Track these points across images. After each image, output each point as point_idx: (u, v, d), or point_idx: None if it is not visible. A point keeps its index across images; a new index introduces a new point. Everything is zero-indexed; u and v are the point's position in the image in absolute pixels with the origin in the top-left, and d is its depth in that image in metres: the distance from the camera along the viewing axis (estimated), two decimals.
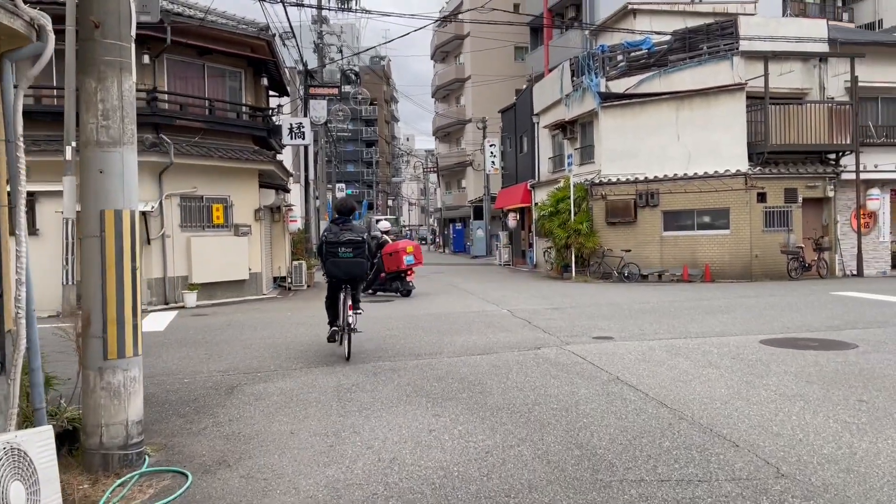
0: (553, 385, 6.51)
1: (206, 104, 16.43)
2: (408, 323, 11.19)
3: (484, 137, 38.49)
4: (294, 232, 23.34)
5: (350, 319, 8.10)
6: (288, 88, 22.09)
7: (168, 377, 7.42)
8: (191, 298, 15.17)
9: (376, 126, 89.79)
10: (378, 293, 16.31)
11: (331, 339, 8.40)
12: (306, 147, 23.90)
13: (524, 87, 33.53)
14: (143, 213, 14.68)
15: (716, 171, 18.55)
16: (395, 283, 16.20)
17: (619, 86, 20.19)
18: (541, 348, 8.51)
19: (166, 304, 15.32)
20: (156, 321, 12.41)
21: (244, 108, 17.66)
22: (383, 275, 16.18)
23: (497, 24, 29.60)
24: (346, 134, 77.94)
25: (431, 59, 60.06)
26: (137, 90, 15.32)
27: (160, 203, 15.20)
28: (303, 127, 19.76)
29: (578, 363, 7.52)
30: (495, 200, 35.94)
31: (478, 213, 41.72)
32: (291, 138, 19.68)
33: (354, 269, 8.01)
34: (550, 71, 29.90)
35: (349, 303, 8.12)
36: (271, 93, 21.13)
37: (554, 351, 8.29)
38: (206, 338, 10.24)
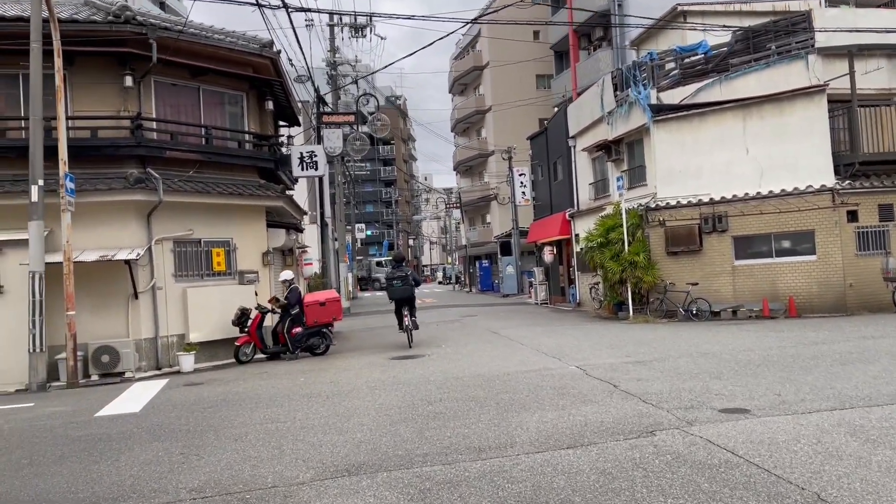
0: None
1: (202, 132, 14.17)
2: (452, 391, 8.55)
3: (511, 167, 36.16)
4: (310, 276, 20.99)
5: (408, 323, 13.47)
6: (299, 117, 19.87)
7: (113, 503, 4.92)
8: (187, 361, 12.71)
9: (394, 165, 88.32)
10: (287, 353, 13.51)
11: (400, 328, 13.85)
12: (321, 181, 21.46)
13: (554, 111, 31.29)
14: (128, 262, 12.35)
15: (795, 188, 15.89)
16: (315, 338, 13.66)
17: (672, 97, 17.70)
18: (655, 433, 5.88)
19: (158, 368, 12.92)
20: (135, 397, 9.92)
21: (247, 137, 15.38)
22: (298, 329, 13.43)
23: (519, 39, 27.45)
24: (364, 173, 76.38)
25: (450, 92, 58.43)
26: (118, 118, 13.23)
27: (149, 249, 12.89)
28: (315, 156, 17.26)
29: (731, 463, 4.89)
30: (526, 234, 33.39)
31: (505, 249, 39.04)
32: (303, 169, 17.17)
33: (403, 293, 13.43)
34: (579, 94, 27.61)
35: (409, 314, 13.49)
36: (280, 123, 18.94)
37: (678, 439, 5.66)
38: (189, 423, 7.72)
